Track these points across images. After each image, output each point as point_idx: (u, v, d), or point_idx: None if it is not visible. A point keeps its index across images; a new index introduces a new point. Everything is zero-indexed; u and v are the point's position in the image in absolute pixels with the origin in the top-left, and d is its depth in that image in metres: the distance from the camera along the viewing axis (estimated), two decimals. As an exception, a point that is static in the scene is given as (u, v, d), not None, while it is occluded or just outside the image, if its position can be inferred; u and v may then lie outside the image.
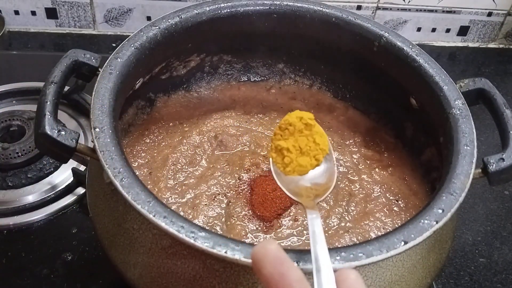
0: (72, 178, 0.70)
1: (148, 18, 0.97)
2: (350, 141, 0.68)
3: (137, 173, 0.45)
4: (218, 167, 0.62)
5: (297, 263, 0.39)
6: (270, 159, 0.48)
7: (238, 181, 0.61)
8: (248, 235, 0.56)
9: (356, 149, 0.67)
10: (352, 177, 0.63)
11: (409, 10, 1.00)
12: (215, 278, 0.43)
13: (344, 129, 0.70)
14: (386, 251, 0.41)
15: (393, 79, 0.63)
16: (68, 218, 0.67)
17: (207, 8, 0.61)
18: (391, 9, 1.00)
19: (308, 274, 0.40)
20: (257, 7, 0.63)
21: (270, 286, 0.32)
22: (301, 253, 0.40)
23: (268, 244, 0.34)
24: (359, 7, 0.98)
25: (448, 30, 1.05)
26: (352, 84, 0.72)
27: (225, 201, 0.59)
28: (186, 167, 0.62)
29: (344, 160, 0.65)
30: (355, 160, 0.66)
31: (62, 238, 0.65)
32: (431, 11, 1.01)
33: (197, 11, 0.60)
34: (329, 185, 0.47)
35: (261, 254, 0.33)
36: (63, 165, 0.71)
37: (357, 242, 0.52)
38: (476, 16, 1.02)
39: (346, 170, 0.64)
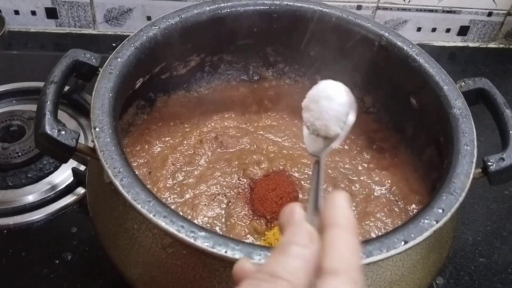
0: (72, 178, 0.70)
1: (148, 18, 0.97)
2: (351, 141, 0.68)
3: (136, 172, 0.45)
4: (218, 167, 0.62)
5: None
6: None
7: (238, 181, 0.61)
8: (248, 235, 0.56)
9: (357, 150, 0.67)
10: (352, 177, 0.63)
11: (409, 10, 1.00)
12: (215, 278, 0.43)
13: (344, 129, 0.69)
14: (386, 250, 0.41)
15: (393, 79, 0.63)
16: (68, 218, 0.67)
17: (207, 8, 0.61)
18: (391, 9, 0.99)
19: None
20: (257, 7, 0.63)
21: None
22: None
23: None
24: (359, 7, 0.98)
25: (448, 30, 1.04)
26: (352, 84, 0.71)
27: (225, 201, 0.59)
28: (186, 167, 0.62)
29: (344, 161, 0.65)
30: (355, 161, 0.65)
31: (62, 238, 0.65)
32: (431, 11, 1.01)
33: (197, 11, 0.61)
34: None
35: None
36: (63, 165, 0.71)
37: (357, 242, 0.52)
38: (476, 16, 1.02)
39: (346, 171, 0.64)
